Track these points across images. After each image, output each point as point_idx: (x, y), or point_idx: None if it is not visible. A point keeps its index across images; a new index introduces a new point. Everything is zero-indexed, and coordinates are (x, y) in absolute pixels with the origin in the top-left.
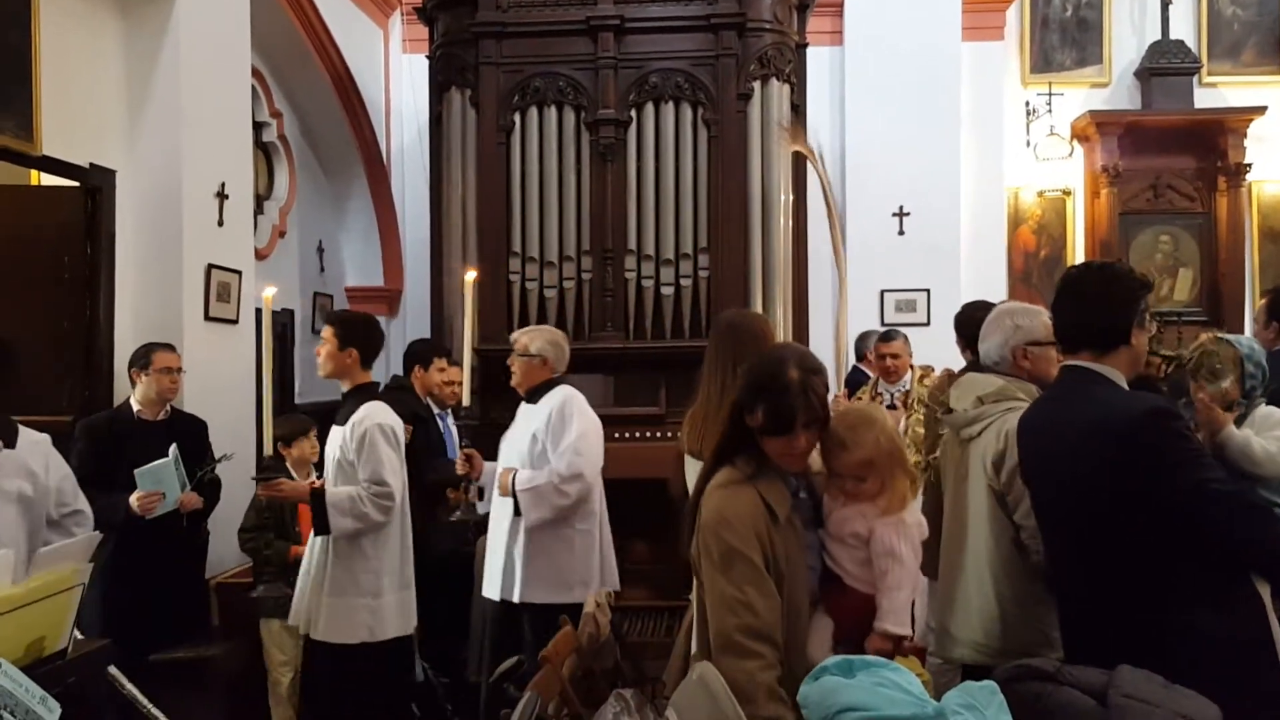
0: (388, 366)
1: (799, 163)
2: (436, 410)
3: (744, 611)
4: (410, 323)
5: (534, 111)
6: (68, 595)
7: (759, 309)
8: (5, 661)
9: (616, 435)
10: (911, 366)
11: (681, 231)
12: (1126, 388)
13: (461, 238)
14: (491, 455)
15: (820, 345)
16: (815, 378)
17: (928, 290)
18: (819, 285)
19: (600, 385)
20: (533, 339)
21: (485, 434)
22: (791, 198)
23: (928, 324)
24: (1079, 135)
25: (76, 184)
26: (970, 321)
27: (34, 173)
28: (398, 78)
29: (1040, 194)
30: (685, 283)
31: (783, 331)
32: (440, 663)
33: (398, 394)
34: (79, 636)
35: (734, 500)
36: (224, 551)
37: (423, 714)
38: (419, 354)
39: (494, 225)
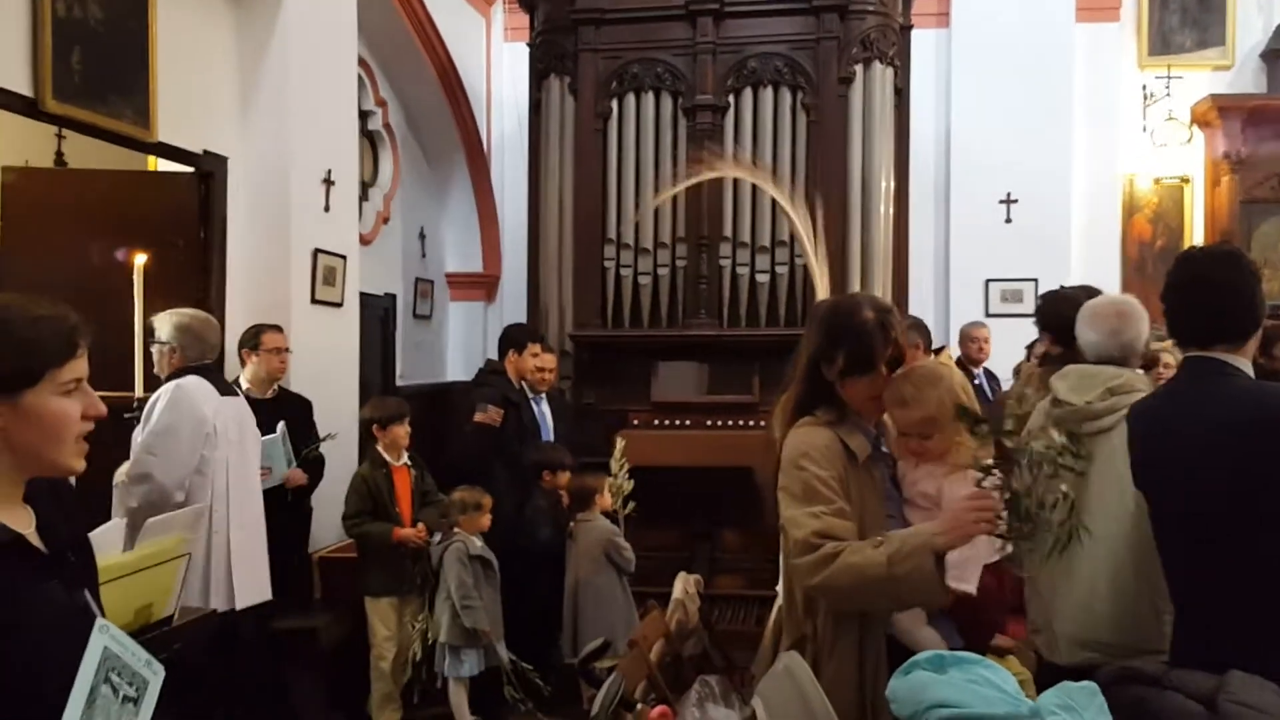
0: (484, 350)
1: (902, 148)
2: (530, 395)
3: (821, 528)
4: (507, 308)
5: (631, 98)
6: (174, 564)
7: None
8: (113, 625)
9: (709, 423)
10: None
11: (778, 218)
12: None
13: (558, 224)
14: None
15: None
16: (890, 315)
17: (1035, 280)
18: (921, 275)
19: (694, 373)
20: (162, 324)
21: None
22: (894, 184)
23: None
24: (1199, 120)
25: (191, 170)
26: (1055, 314)
27: (151, 158)
28: (499, 66)
29: (1157, 181)
30: (781, 270)
31: None
32: (534, 647)
33: (491, 378)
34: None
35: (813, 435)
36: (326, 528)
37: (516, 699)
38: (513, 338)
39: (590, 212)
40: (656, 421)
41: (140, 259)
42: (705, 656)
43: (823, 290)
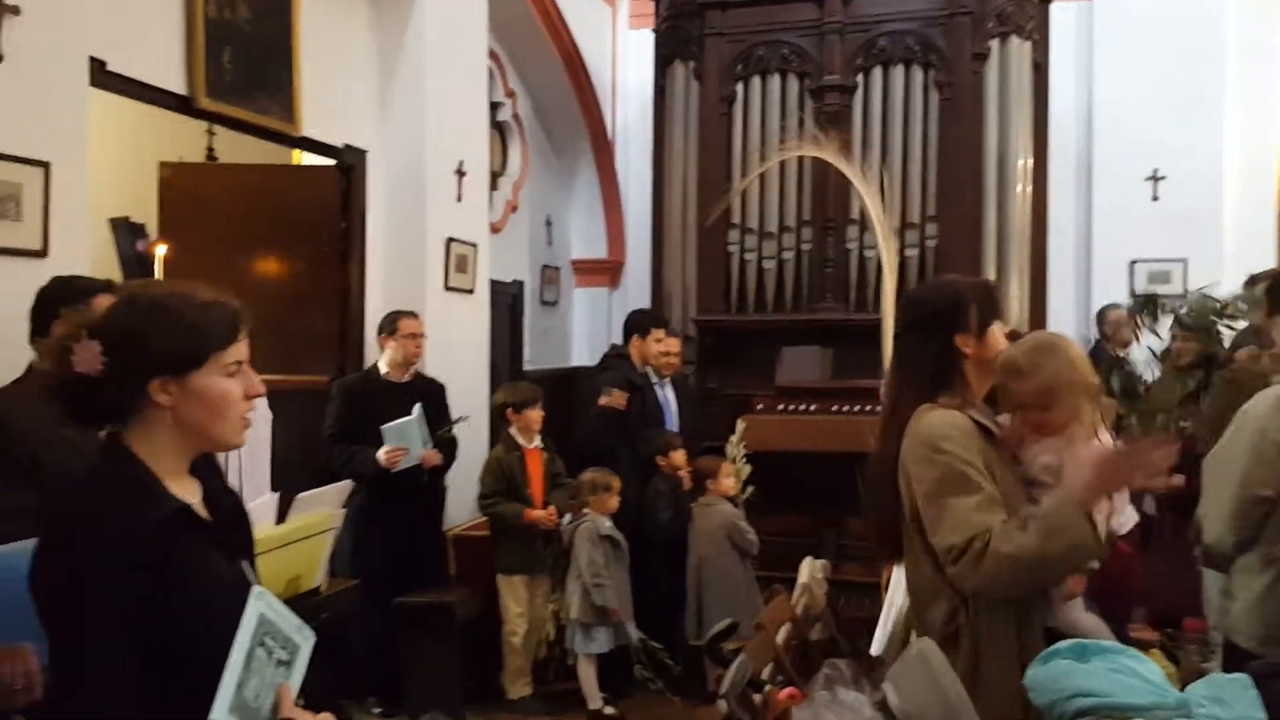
0: (609, 336)
1: (1040, 125)
2: (655, 379)
3: (972, 533)
4: (631, 294)
5: (757, 81)
6: (322, 538)
7: None
8: (268, 592)
9: (834, 408)
10: None
11: (909, 200)
12: None
13: (682, 209)
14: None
15: (1061, 321)
16: None
17: (1184, 261)
18: (1060, 256)
19: (818, 357)
20: None
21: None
22: (1031, 162)
23: (1184, 297)
24: None
25: (333, 163)
26: None
27: (295, 152)
28: (624, 53)
29: None
30: (911, 253)
31: (1018, 305)
32: (654, 628)
33: (616, 362)
34: None
35: (948, 417)
36: (460, 506)
37: (646, 677)
38: (637, 324)
39: (714, 197)
40: (781, 406)
41: (161, 250)
42: (833, 641)
43: (890, 275)
